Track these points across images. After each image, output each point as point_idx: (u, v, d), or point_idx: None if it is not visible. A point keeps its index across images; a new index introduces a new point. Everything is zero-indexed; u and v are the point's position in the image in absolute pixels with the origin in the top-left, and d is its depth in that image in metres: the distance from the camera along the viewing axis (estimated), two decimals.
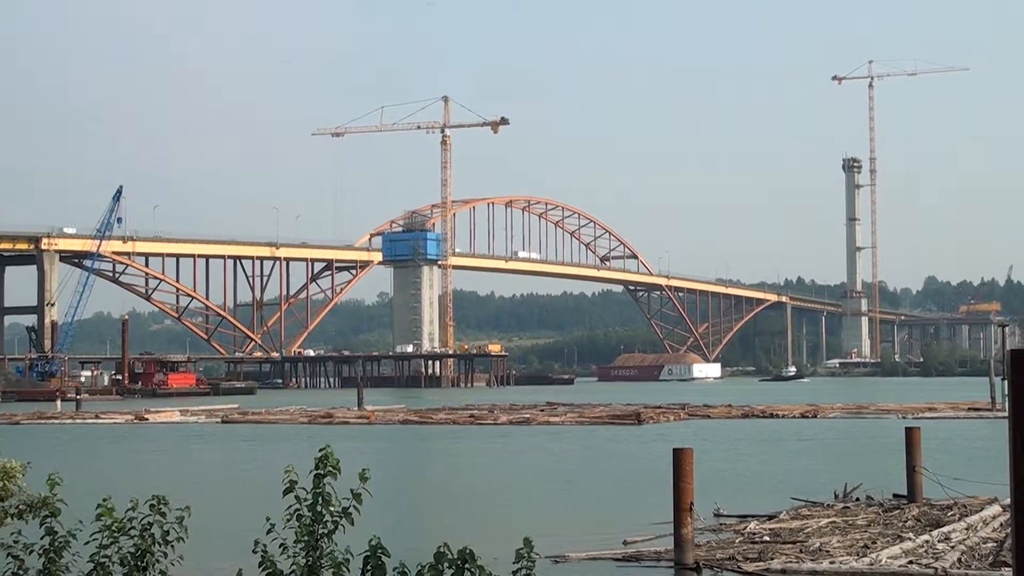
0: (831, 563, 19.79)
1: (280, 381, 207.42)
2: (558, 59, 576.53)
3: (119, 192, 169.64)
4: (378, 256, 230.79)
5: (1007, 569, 18.14)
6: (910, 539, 21.60)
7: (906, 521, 24.45)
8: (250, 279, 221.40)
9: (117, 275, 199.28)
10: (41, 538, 9.22)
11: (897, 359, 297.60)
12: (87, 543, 9.06)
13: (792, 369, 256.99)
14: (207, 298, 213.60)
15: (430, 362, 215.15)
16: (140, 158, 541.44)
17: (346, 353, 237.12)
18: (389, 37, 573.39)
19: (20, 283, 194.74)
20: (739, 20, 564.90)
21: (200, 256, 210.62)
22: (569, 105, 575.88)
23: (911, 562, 19.64)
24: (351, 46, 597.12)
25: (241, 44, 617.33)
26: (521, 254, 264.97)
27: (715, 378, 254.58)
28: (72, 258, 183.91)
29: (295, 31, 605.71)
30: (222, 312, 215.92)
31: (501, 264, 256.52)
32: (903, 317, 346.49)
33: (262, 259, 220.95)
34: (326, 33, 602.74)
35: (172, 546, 9.12)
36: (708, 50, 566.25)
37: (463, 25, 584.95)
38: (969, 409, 76.71)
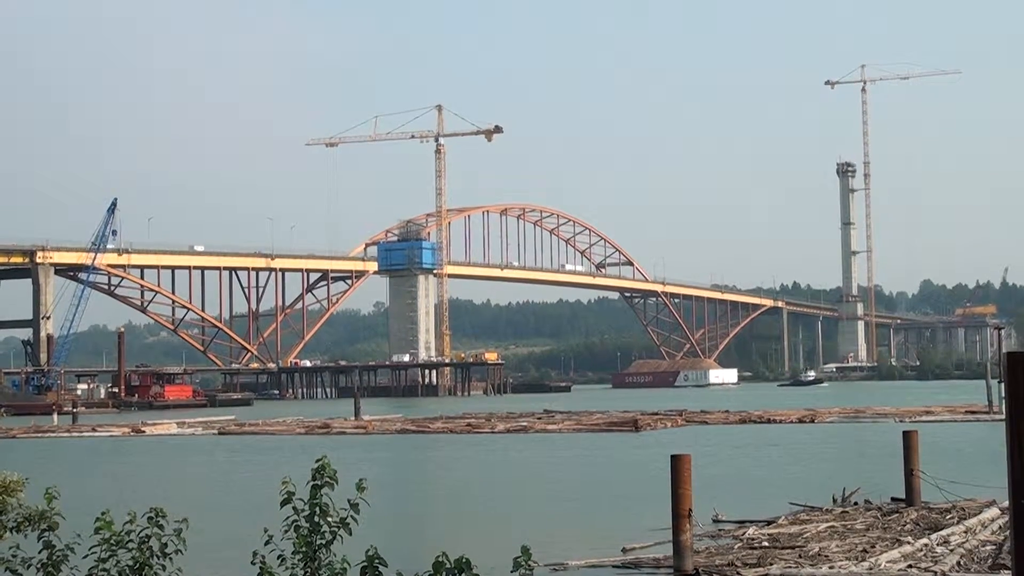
0: (830, 568, 19.76)
1: (277, 392, 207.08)
2: (552, 66, 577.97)
3: (114, 205, 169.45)
4: (373, 266, 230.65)
5: (1006, 572, 18.13)
6: (909, 543, 21.59)
7: (905, 525, 24.43)
8: (245, 290, 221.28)
9: (112, 288, 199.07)
10: (39, 552, 9.18)
11: (893, 363, 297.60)
12: (85, 557, 9.03)
13: (812, 374, 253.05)
14: (203, 309, 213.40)
15: (427, 371, 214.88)
16: (134, 171, 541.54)
17: (342, 363, 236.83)
18: (382, 46, 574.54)
19: (15, 296, 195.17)
20: (732, 26, 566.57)
21: (195, 268, 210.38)
22: (563, 112, 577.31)
23: (910, 566, 19.62)
24: (344, 56, 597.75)
25: (235, 55, 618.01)
26: (568, 267, 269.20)
27: (732, 384, 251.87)
28: (67, 271, 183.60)
29: (288, 42, 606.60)
30: (218, 323, 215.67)
31: (497, 272, 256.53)
32: (899, 321, 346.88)
33: (257, 270, 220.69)
34: (319, 43, 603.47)
35: (170, 558, 9.09)
36: (702, 56, 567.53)
37: (456, 33, 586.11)
38: (966, 412, 76.72)
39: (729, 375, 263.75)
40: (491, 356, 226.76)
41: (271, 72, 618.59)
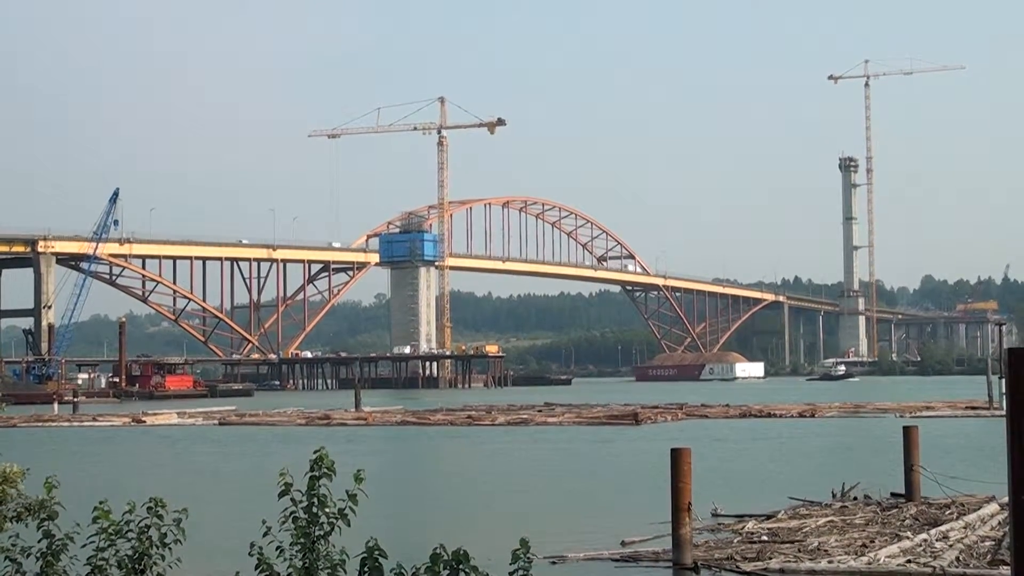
0: (829, 562, 19.79)
1: (278, 383, 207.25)
2: (554, 59, 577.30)
3: (115, 194, 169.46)
4: (375, 257, 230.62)
5: (1005, 567, 18.14)
6: (908, 538, 21.60)
7: (904, 520, 24.44)
8: (247, 281, 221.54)
9: (114, 277, 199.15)
10: (39, 541, 9.19)
11: (894, 358, 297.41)
12: (84, 546, 9.04)
13: (841, 368, 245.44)
14: (204, 300, 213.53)
15: (427, 363, 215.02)
16: (136, 160, 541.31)
17: (343, 354, 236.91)
18: (385, 38, 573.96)
19: (17, 286, 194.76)
20: (735, 20, 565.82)
21: (197, 258, 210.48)
22: (566, 105, 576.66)
23: (909, 561, 19.64)
24: (347, 47, 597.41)
25: (237, 45, 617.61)
26: (630, 266, 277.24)
27: (758, 378, 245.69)
28: (69, 260, 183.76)
29: (291, 32, 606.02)
30: (219, 314, 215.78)
31: (498, 265, 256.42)
32: (900, 316, 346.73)
33: (259, 261, 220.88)
34: (322, 34, 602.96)
35: (170, 548, 9.09)
36: (704, 50, 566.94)
37: (459, 25, 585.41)
38: (967, 408, 76.73)
39: (755, 368, 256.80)
40: (492, 348, 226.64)
41: (273, 63, 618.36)
